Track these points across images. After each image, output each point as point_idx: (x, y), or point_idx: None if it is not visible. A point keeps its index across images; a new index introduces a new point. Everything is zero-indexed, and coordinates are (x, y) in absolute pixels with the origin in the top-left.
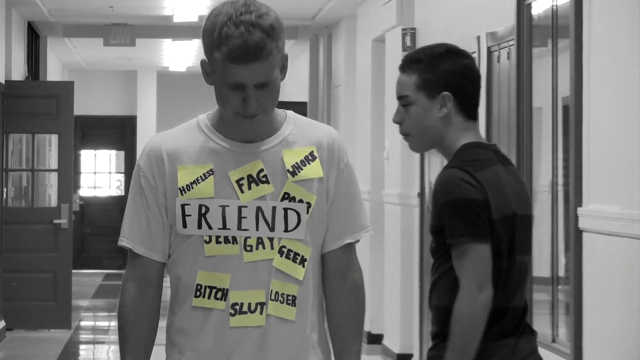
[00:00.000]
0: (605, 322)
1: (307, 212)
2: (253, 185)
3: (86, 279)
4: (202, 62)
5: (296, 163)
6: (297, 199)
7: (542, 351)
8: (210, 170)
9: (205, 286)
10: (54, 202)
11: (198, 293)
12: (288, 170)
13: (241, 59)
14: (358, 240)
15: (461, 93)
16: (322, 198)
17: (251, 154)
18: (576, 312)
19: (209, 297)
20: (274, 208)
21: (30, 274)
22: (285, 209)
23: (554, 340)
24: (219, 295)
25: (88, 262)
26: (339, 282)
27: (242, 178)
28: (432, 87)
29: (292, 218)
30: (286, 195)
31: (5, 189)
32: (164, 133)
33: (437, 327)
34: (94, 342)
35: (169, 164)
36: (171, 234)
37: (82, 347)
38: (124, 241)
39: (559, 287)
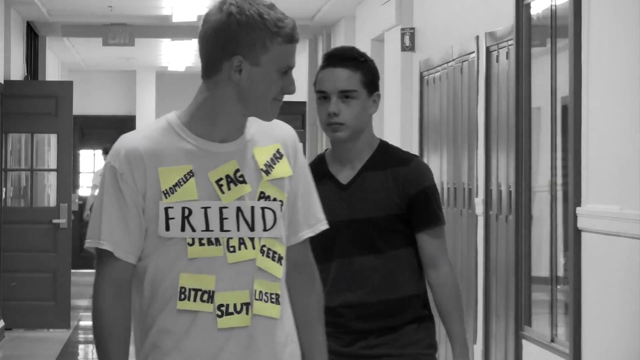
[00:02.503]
0: (604, 322)
1: (281, 210)
2: (232, 185)
3: (85, 278)
4: (235, 60)
5: (267, 161)
6: (271, 198)
7: (541, 350)
8: (190, 171)
9: (190, 289)
10: (53, 202)
11: (182, 296)
12: (262, 169)
13: (294, 37)
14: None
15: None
16: (290, 195)
17: (225, 154)
18: (575, 311)
19: (194, 300)
20: (252, 208)
21: (29, 273)
22: (263, 208)
23: (552, 340)
24: (205, 297)
25: (87, 261)
26: (298, 275)
27: (221, 178)
28: (371, 85)
29: (269, 217)
30: (262, 194)
31: (4, 189)
32: (134, 134)
33: (409, 314)
34: (93, 342)
35: (150, 166)
36: (146, 236)
37: (81, 347)
38: (103, 244)
39: (558, 286)
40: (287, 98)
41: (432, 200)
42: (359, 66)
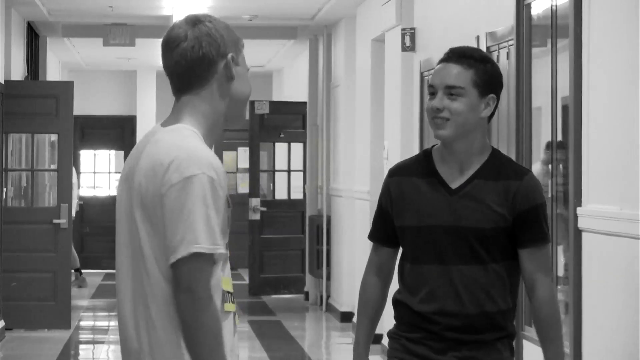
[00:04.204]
0: (605, 322)
1: None
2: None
3: (86, 278)
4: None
5: None
6: None
7: (541, 350)
8: None
9: (226, 291)
10: (53, 202)
11: (225, 298)
12: None
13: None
14: None
15: (498, 101)
16: None
17: None
18: (575, 311)
19: (232, 302)
20: None
21: (29, 273)
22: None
23: None
24: (233, 298)
25: (87, 262)
26: None
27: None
28: (485, 86)
29: None
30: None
31: (4, 189)
32: (199, 144)
33: (502, 329)
34: (93, 342)
35: (225, 177)
36: None
37: (81, 347)
38: (218, 248)
39: (559, 286)
40: (288, 98)
41: (541, 218)
42: (473, 65)
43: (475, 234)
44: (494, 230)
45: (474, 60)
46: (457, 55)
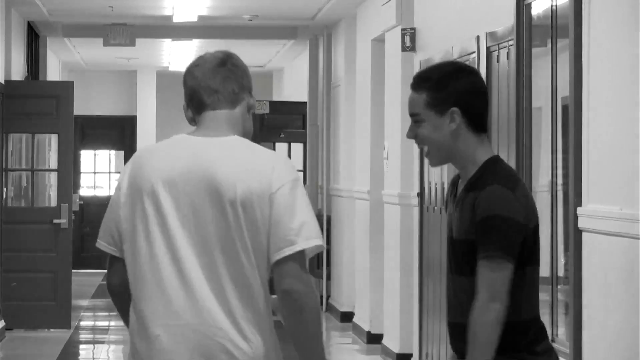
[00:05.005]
0: (605, 322)
1: None
2: None
3: (86, 278)
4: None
5: None
6: None
7: None
8: None
9: None
10: (53, 202)
11: None
12: None
13: None
14: None
15: (470, 109)
16: None
17: None
18: (575, 311)
19: None
20: None
21: (30, 273)
22: None
23: (553, 340)
24: None
25: (88, 261)
26: None
27: None
28: (441, 104)
29: None
30: None
31: (5, 189)
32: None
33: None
34: (93, 341)
35: None
36: None
37: (81, 346)
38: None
39: (559, 286)
40: (288, 98)
41: (492, 231)
42: (425, 87)
43: (458, 245)
44: (467, 242)
45: (428, 82)
46: (415, 81)
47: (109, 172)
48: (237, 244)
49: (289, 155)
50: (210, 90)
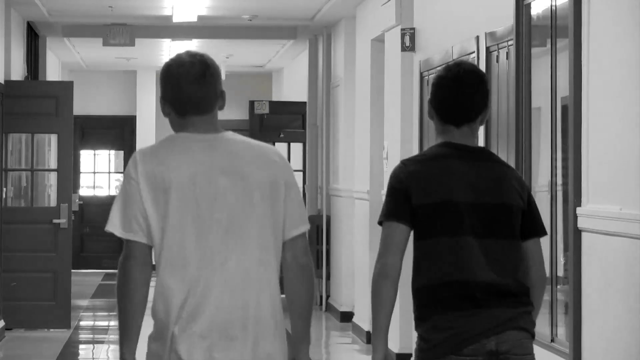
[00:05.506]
0: (604, 322)
1: None
2: None
3: (85, 278)
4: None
5: None
6: None
7: (541, 351)
8: None
9: None
10: (53, 202)
11: None
12: None
13: None
14: None
15: (433, 100)
16: None
17: None
18: (575, 311)
19: None
20: None
21: (29, 273)
22: None
23: (552, 340)
24: None
25: (87, 261)
26: None
27: None
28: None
29: None
30: None
31: (4, 189)
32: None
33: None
34: (93, 341)
35: None
36: None
37: (81, 346)
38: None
39: (558, 286)
40: (287, 98)
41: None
42: None
43: None
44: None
45: None
46: None
47: (109, 172)
48: (264, 222)
49: (289, 155)
50: (194, 100)
